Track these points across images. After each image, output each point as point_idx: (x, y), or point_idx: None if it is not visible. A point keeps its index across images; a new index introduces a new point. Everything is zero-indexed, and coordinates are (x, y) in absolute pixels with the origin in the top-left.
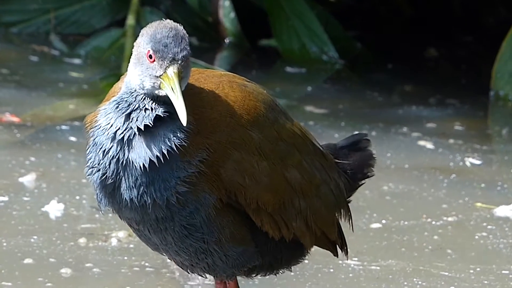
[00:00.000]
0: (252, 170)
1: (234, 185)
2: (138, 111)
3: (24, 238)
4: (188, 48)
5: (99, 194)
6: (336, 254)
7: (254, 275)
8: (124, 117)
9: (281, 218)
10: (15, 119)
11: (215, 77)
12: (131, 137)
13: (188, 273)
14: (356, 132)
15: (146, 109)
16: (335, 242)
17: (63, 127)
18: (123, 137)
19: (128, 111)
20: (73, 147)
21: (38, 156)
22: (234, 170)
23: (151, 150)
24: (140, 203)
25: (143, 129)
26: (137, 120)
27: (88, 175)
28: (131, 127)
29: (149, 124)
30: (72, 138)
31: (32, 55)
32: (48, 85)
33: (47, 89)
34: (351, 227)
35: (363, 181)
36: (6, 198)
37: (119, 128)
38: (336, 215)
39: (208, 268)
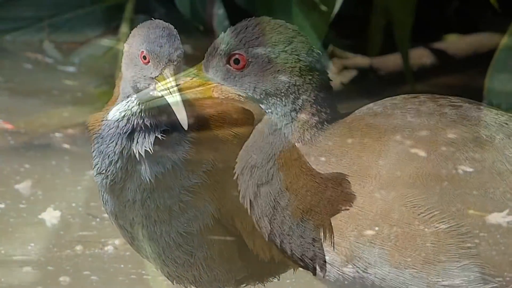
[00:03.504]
0: None
1: (233, 209)
2: (139, 131)
3: (21, 245)
4: (181, 47)
5: (105, 196)
6: (315, 273)
7: (243, 285)
8: (126, 137)
9: None
10: (9, 126)
11: None
12: (136, 154)
13: (174, 284)
14: None
15: (146, 126)
16: None
17: (57, 134)
18: (129, 154)
19: (130, 130)
20: (67, 154)
21: (32, 163)
22: (233, 193)
23: (157, 165)
24: (143, 206)
25: (150, 151)
26: (137, 142)
27: (97, 178)
28: (134, 149)
29: (149, 150)
30: (66, 146)
31: (26, 63)
32: (42, 92)
33: (41, 97)
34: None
35: None
36: (2, 205)
37: (124, 147)
38: None
39: (195, 281)
